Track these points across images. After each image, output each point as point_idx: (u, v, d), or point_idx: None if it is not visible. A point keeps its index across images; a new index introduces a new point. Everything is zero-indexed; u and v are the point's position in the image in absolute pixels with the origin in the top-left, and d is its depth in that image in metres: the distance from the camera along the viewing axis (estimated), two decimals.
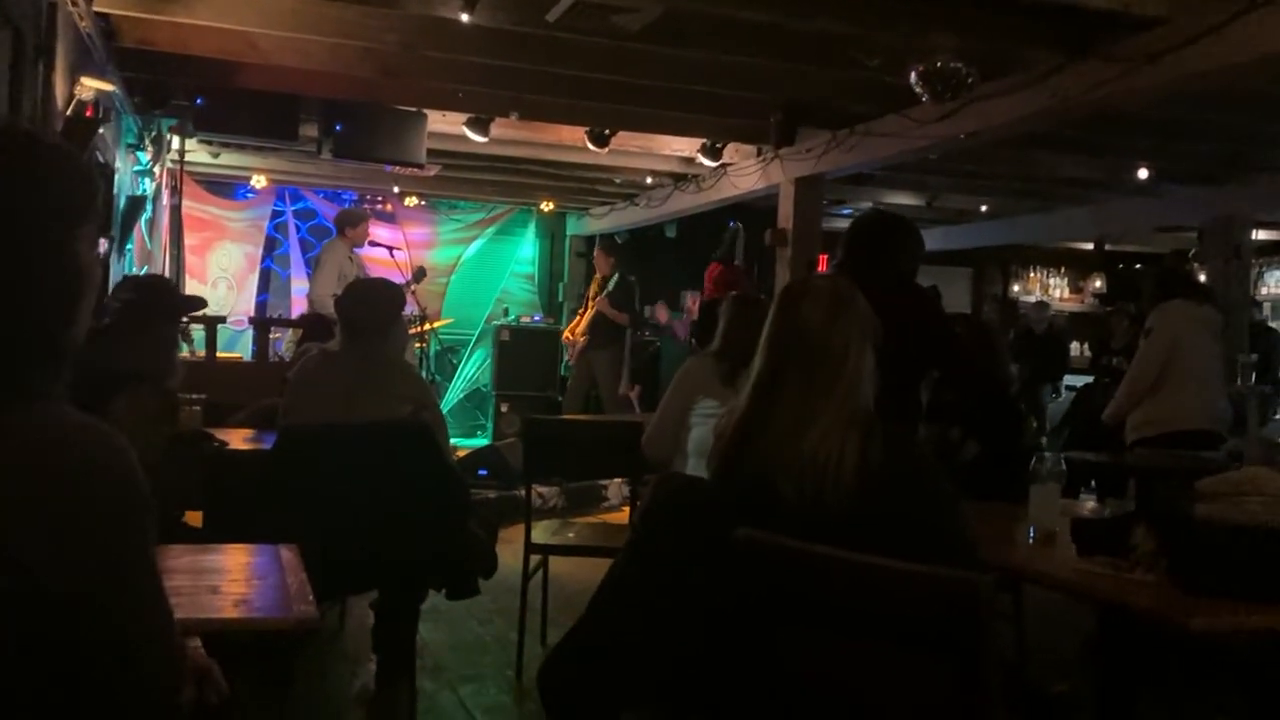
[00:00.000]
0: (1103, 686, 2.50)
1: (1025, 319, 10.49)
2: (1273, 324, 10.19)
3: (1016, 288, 12.72)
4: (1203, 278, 7.81)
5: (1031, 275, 12.81)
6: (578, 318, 9.05)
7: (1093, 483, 5.10)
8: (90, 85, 4.51)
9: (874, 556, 1.61)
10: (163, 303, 2.65)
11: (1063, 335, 10.90)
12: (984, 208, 10.01)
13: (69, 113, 4.37)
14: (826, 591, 1.64)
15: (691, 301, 8.58)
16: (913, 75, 4.60)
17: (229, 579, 2.02)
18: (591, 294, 9.01)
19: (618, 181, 9.12)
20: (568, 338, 9.11)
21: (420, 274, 8.48)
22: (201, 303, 4.08)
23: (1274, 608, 1.97)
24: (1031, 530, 2.53)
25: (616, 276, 8.71)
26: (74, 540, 1.12)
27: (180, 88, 6.25)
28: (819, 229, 7.09)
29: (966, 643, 1.50)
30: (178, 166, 7.73)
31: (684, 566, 2.05)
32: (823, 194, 7.17)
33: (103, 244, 5.50)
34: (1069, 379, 9.91)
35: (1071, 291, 12.85)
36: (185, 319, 2.97)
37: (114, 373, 2.71)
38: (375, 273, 8.06)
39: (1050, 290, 12.69)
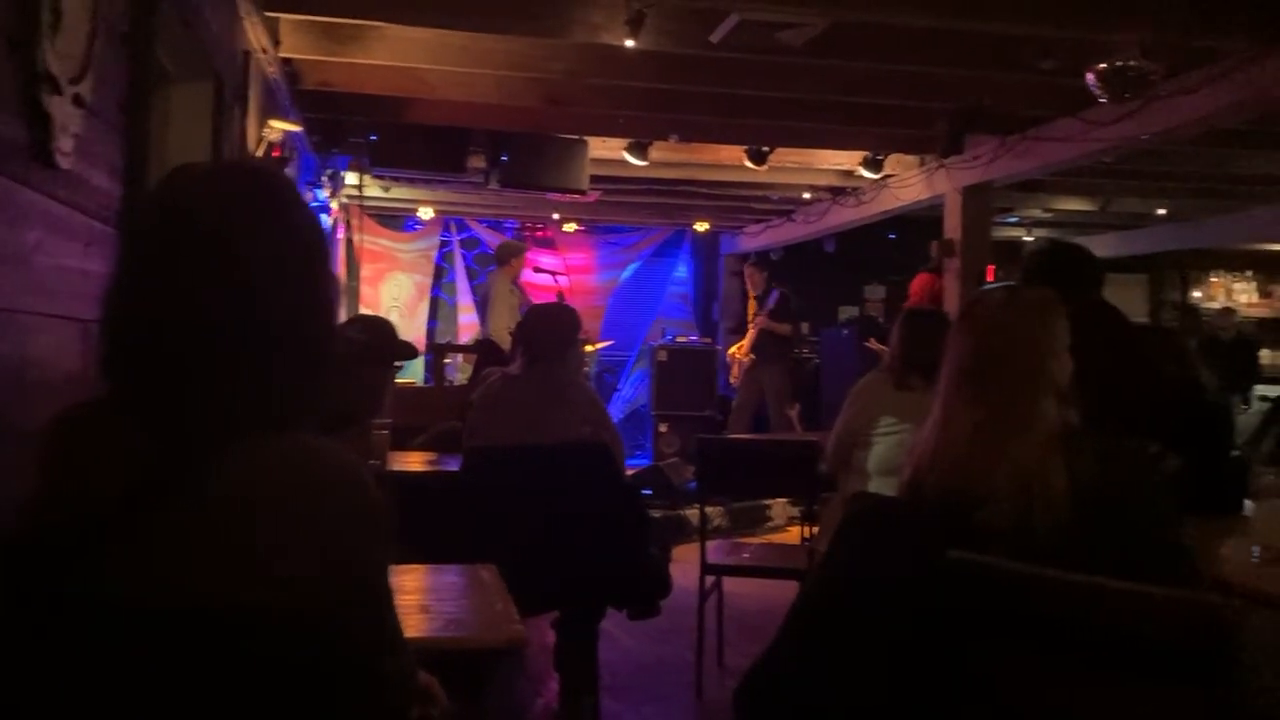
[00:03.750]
0: None
1: (1210, 326, 9.90)
2: None
3: (1197, 294, 12.03)
4: None
5: (1214, 280, 12.09)
6: (745, 339, 8.96)
7: None
8: (278, 127, 4.77)
9: (1101, 578, 1.53)
10: (382, 348, 2.74)
11: (1252, 342, 10.23)
12: (1161, 210, 9.52)
13: (258, 153, 4.62)
14: (1052, 616, 1.57)
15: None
16: (1090, 76, 4.41)
17: (435, 597, 2.06)
18: (751, 313, 8.95)
19: (774, 198, 9.07)
20: (733, 355, 9.04)
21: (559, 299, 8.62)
22: (415, 351, 4.10)
23: None
24: (1256, 549, 2.37)
25: (776, 293, 8.63)
26: (322, 550, 1.14)
27: (355, 126, 6.55)
28: (988, 238, 6.88)
29: (1213, 673, 1.41)
30: (351, 202, 8.08)
31: (880, 588, 1.99)
32: (991, 202, 6.96)
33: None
34: (1260, 388, 9.29)
35: (1260, 296, 12.05)
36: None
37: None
38: (537, 298, 8.24)
39: (1235, 295, 11.94)
